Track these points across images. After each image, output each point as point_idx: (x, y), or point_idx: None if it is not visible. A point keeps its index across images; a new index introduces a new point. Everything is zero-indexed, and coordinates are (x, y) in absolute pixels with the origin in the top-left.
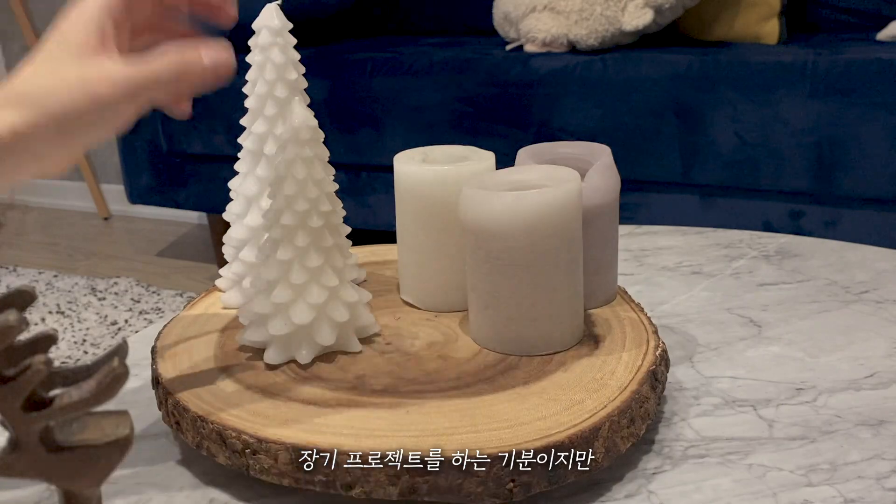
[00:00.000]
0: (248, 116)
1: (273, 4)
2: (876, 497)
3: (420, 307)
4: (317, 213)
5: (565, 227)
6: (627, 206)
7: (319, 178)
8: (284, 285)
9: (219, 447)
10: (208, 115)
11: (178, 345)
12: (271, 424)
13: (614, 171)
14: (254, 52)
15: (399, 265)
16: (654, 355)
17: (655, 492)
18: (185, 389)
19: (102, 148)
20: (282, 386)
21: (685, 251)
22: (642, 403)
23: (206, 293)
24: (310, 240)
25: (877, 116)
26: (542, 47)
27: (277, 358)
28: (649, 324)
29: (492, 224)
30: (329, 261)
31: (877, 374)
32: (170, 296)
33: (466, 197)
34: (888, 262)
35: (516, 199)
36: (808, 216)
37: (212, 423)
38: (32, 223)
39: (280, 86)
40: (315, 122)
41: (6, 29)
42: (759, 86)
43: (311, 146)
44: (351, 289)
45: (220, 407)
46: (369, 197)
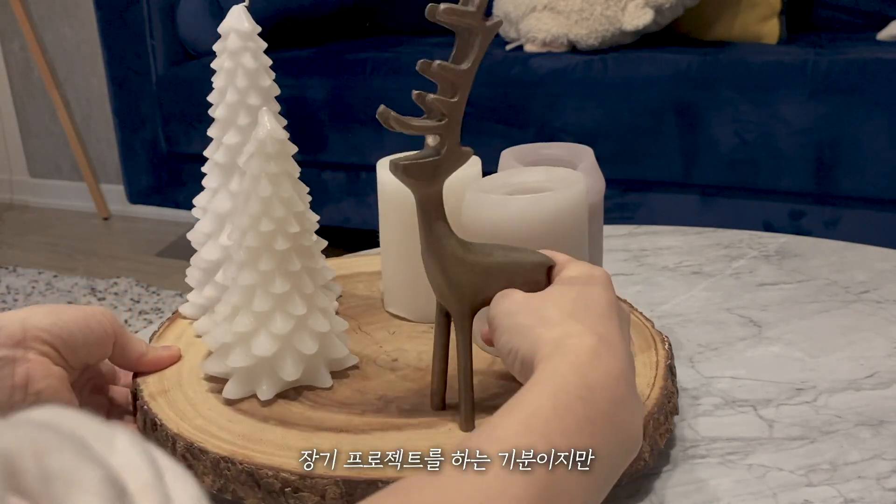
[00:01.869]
0: (215, 127)
1: (240, 6)
2: (876, 497)
3: (411, 319)
4: (283, 234)
5: (577, 226)
6: (627, 206)
7: (286, 196)
8: (246, 313)
9: (249, 489)
10: (208, 115)
11: (162, 380)
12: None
13: (598, 172)
14: (221, 57)
15: (384, 277)
16: (664, 350)
17: (656, 492)
18: (194, 430)
19: (102, 148)
20: (299, 415)
21: (685, 251)
22: (670, 398)
23: (170, 322)
24: (275, 264)
25: (877, 116)
26: (542, 47)
27: (237, 392)
28: (645, 319)
29: (507, 227)
30: (297, 287)
31: (877, 374)
32: (169, 296)
33: (475, 201)
34: (888, 262)
35: (531, 202)
36: (808, 216)
37: (240, 463)
38: (32, 223)
39: (253, 93)
40: (283, 134)
41: (6, 29)
42: (759, 86)
43: (277, 161)
44: (322, 317)
45: (243, 445)
46: (369, 197)
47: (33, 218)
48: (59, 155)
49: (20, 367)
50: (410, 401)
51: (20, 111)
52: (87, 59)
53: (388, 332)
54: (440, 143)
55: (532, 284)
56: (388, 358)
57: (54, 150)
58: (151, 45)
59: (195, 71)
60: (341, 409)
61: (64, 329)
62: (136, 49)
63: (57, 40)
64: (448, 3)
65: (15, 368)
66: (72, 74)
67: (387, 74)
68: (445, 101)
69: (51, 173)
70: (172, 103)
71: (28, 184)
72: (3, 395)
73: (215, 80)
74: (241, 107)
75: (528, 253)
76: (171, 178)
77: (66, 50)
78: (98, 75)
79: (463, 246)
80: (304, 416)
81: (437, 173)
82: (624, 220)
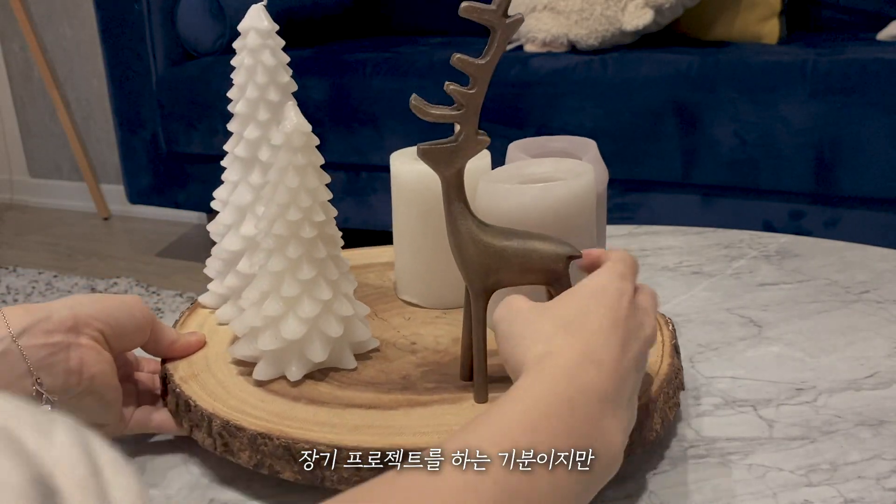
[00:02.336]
0: (235, 121)
1: (259, 5)
2: (876, 497)
3: (424, 306)
4: (309, 223)
5: (586, 214)
6: (627, 206)
7: (313, 186)
8: (275, 298)
9: (286, 463)
10: (208, 115)
11: (192, 365)
12: (342, 432)
13: (602, 164)
14: (241, 54)
15: (397, 265)
16: (669, 330)
17: (655, 492)
18: (229, 410)
19: (102, 148)
20: (328, 394)
21: (685, 251)
22: (676, 374)
23: (189, 311)
24: (302, 251)
25: (877, 116)
26: (542, 47)
27: (268, 374)
28: None
29: (521, 215)
30: (323, 273)
31: (877, 374)
32: (169, 296)
33: (488, 191)
34: (888, 262)
35: (543, 191)
36: (808, 216)
37: (277, 438)
38: (32, 223)
39: (272, 89)
40: (309, 127)
41: (6, 29)
42: (759, 86)
43: (304, 153)
44: (346, 302)
45: (278, 422)
46: (369, 197)
47: (33, 218)
48: (59, 155)
49: (74, 352)
50: (433, 379)
51: (20, 111)
52: (87, 59)
53: (404, 318)
54: (459, 131)
55: (549, 274)
56: (406, 342)
57: (54, 150)
58: (151, 45)
59: (195, 71)
60: (368, 388)
61: (111, 316)
62: (136, 49)
63: (57, 40)
64: (470, 1)
65: (69, 353)
66: (72, 74)
67: (387, 74)
68: (463, 91)
69: (51, 173)
70: (172, 103)
71: (28, 184)
72: (59, 380)
73: (235, 76)
74: (260, 102)
75: (550, 242)
76: (171, 178)
77: (66, 50)
78: (98, 75)
79: (480, 227)
80: (333, 395)
81: (454, 158)
82: (624, 220)
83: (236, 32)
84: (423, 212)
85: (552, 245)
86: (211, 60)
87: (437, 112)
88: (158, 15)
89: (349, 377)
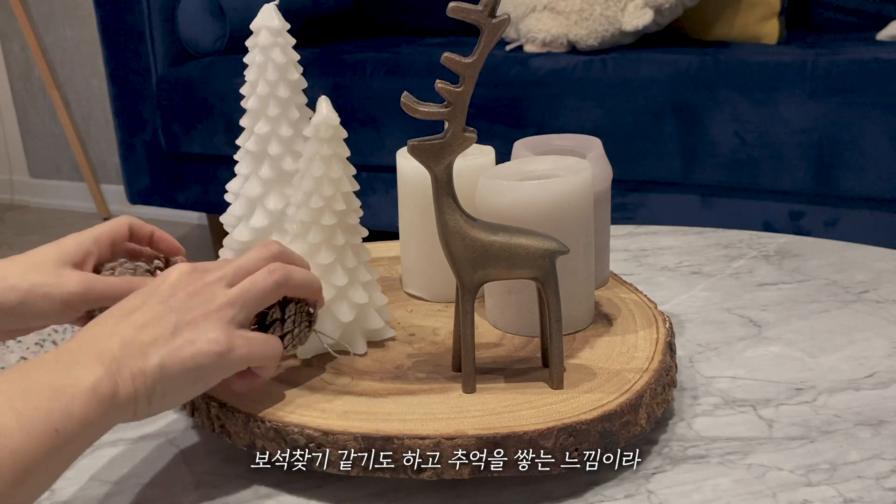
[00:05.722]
0: (247, 117)
1: (271, 4)
2: (875, 497)
3: (428, 299)
4: (330, 211)
5: (583, 211)
6: (627, 206)
7: (336, 176)
8: None
9: (276, 445)
10: (208, 115)
11: None
12: (331, 417)
13: (606, 162)
14: (253, 52)
15: (403, 259)
16: (665, 328)
17: (655, 492)
18: (226, 392)
19: (102, 148)
20: (323, 382)
21: (685, 251)
22: (668, 372)
23: None
24: (322, 237)
25: (877, 116)
26: (542, 47)
27: None
28: (649, 301)
29: (517, 212)
30: (340, 259)
31: (877, 374)
32: None
33: (487, 187)
34: (888, 262)
35: (539, 188)
36: (808, 216)
37: (269, 421)
38: (32, 223)
39: (282, 86)
40: (337, 120)
41: (6, 29)
42: (759, 86)
43: (330, 144)
44: (361, 290)
45: (270, 405)
46: (369, 197)
47: (33, 218)
48: (60, 155)
49: None
50: (425, 370)
51: (20, 111)
52: (87, 59)
53: (406, 311)
54: (447, 127)
55: (535, 269)
56: (405, 333)
57: (54, 150)
58: (151, 45)
59: (195, 71)
60: (362, 376)
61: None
62: (136, 49)
63: (57, 41)
64: (457, 2)
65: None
66: (72, 75)
67: (387, 74)
68: (450, 89)
69: (51, 174)
70: (172, 103)
71: (28, 184)
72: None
73: (247, 73)
74: (270, 98)
75: (536, 237)
76: (171, 178)
77: (66, 50)
78: (98, 76)
79: (468, 222)
80: (328, 382)
81: (442, 153)
82: (624, 220)
83: (236, 33)
84: (427, 207)
85: (538, 240)
86: (211, 60)
87: (425, 109)
88: (158, 15)
89: (345, 365)
